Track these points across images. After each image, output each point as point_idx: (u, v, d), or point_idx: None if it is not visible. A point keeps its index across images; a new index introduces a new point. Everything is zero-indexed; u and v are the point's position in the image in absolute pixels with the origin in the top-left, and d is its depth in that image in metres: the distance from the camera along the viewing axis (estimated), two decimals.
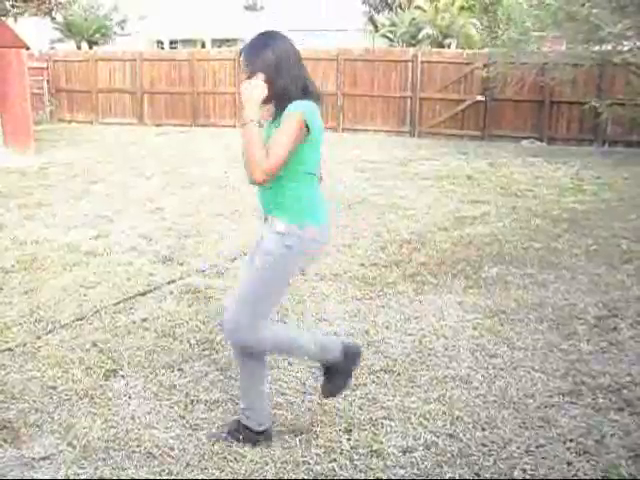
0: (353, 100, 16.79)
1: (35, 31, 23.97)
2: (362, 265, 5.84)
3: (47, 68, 19.19)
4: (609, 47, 13.04)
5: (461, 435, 3.17)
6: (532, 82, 14.14)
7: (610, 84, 14.16)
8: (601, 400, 3.50)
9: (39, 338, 4.27)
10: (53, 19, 23.03)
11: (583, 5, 12.11)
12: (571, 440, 3.12)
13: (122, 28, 33.17)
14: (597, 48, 13.24)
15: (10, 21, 17.31)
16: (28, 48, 13.34)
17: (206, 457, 3.00)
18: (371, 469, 2.93)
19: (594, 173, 10.88)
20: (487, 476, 2.88)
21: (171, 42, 37.89)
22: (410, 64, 16.13)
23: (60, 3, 18.39)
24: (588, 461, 2.97)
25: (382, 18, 31.42)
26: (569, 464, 2.95)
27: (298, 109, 2.82)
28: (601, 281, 5.42)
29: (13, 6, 17.70)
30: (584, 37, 12.78)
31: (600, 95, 13.73)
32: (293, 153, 2.82)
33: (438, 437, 3.16)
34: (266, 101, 2.88)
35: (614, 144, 14.31)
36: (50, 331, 4.39)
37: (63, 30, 30.95)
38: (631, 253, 6.19)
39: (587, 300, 4.97)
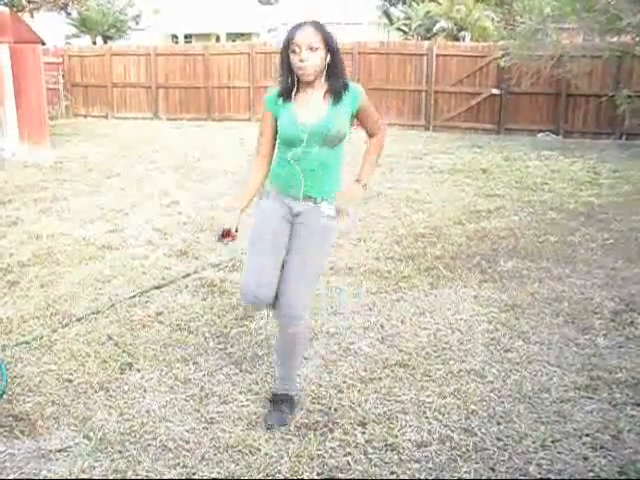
0: (368, 94, 16.34)
1: (50, 26, 24.08)
2: (377, 259, 5.83)
3: (62, 63, 19.27)
4: (628, 38, 12.90)
5: (476, 429, 3.16)
6: (548, 75, 14.01)
7: (628, 76, 14.02)
8: (618, 395, 3.47)
9: (55, 331, 4.30)
10: (68, 14, 23.12)
11: None
12: (587, 435, 3.11)
13: (137, 23, 33.32)
14: (615, 39, 13.09)
15: (26, 16, 17.39)
16: (44, 43, 13.40)
17: (221, 450, 3.01)
18: (386, 463, 2.92)
19: (611, 166, 10.78)
20: (502, 471, 2.87)
21: (186, 36, 37.96)
22: (425, 57, 16.05)
23: None
24: (605, 456, 2.95)
25: (397, 11, 31.33)
26: (585, 459, 2.93)
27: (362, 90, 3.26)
28: (618, 275, 5.37)
29: (29, 2, 17.77)
30: (602, 28, 12.62)
31: (618, 87, 13.59)
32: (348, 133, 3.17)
33: (453, 431, 3.15)
34: (319, 74, 3.06)
35: (632, 137, 14.13)
36: (66, 324, 4.41)
37: (78, 25, 31.11)
38: None
39: (603, 294, 4.94)
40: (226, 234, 3.18)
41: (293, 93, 3.10)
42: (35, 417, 3.27)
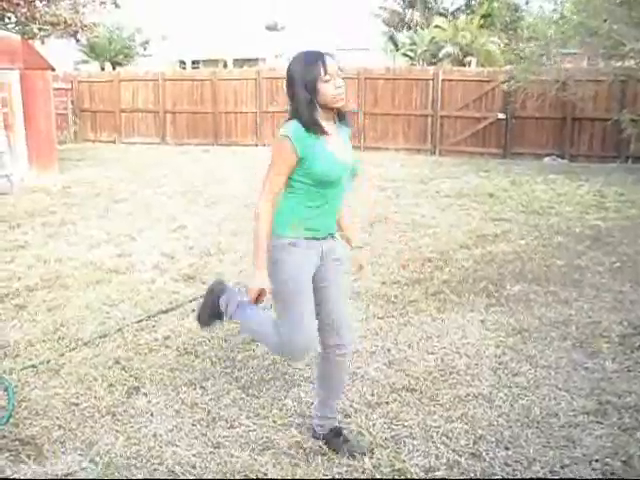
0: (374, 119, 16.84)
1: (60, 52, 24.36)
2: (384, 283, 5.83)
3: (71, 89, 19.49)
4: (632, 63, 12.97)
5: (484, 454, 3.14)
6: (553, 99, 14.13)
7: (633, 100, 14.08)
8: (627, 420, 3.44)
9: (62, 355, 4.31)
10: (78, 41, 23.41)
11: (605, 21, 12.07)
12: (597, 460, 3.08)
13: (145, 49, 33.67)
14: (619, 64, 13.16)
15: (37, 43, 17.61)
16: (53, 69, 13.56)
17: (228, 475, 3.00)
18: None
19: (617, 190, 10.78)
20: None
21: (193, 62, 38.31)
22: (431, 82, 16.16)
23: (86, 26, 18.66)
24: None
25: (402, 37, 31.58)
26: None
27: None
28: (625, 299, 5.36)
29: (40, 29, 17.99)
30: (606, 53, 12.72)
31: (623, 111, 13.64)
32: None
33: (461, 456, 3.13)
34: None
35: (638, 161, 14.13)
36: (73, 348, 4.42)
37: (87, 51, 31.46)
38: None
39: (611, 318, 4.92)
40: (260, 295, 2.98)
41: (322, 127, 2.92)
42: (42, 441, 3.27)
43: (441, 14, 29.68)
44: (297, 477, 2.96)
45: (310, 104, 2.90)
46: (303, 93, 2.90)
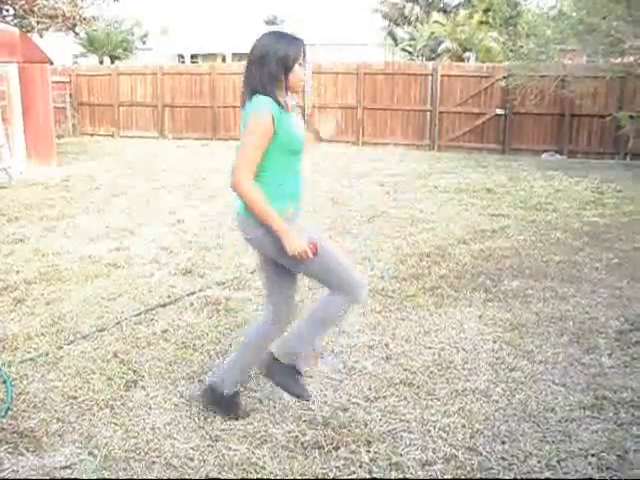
0: (373, 114, 16.83)
1: (58, 46, 24.30)
2: (382, 278, 5.84)
3: (70, 82, 19.45)
4: (631, 59, 12.98)
5: (481, 448, 3.15)
6: (552, 95, 14.14)
7: (632, 97, 14.09)
8: (623, 415, 3.46)
9: (61, 348, 4.31)
10: (76, 34, 23.35)
11: (604, 18, 12.07)
12: (593, 455, 3.10)
13: (144, 42, 33.63)
14: (618, 61, 13.17)
15: (35, 36, 17.57)
16: (52, 63, 13.54)
17: (226, 468, 3.01)
18: None
19: (615, 186, 10.80)
20: None
21: (192, 56, 38.28)
22: (430, 78, 16.15)
23: (84, 19, 18.62)
24: (610, 477, 2.94)
25: (401, 32, 31.57)
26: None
27: None
28: (623, 295, 5.37)
29: (38, 22, 17.96)
30: (605, 50, 12.72)
31: (621, 108, 13.66)
32: None
33: (458, 450, 3.14)
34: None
35: (636, 157, 14.17)
36: (72, 342, 4.42)
37: (86, 45, 31.39)
38: None
39: (608, 314, 4.93)
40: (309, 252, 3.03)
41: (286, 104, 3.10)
42: (40, 434, 3.28)
43: (442, 9, 29.67)
44: (294, 470, 2.97)
45: (281, 82, 3.01)
46: (278, 70, 2.99)
